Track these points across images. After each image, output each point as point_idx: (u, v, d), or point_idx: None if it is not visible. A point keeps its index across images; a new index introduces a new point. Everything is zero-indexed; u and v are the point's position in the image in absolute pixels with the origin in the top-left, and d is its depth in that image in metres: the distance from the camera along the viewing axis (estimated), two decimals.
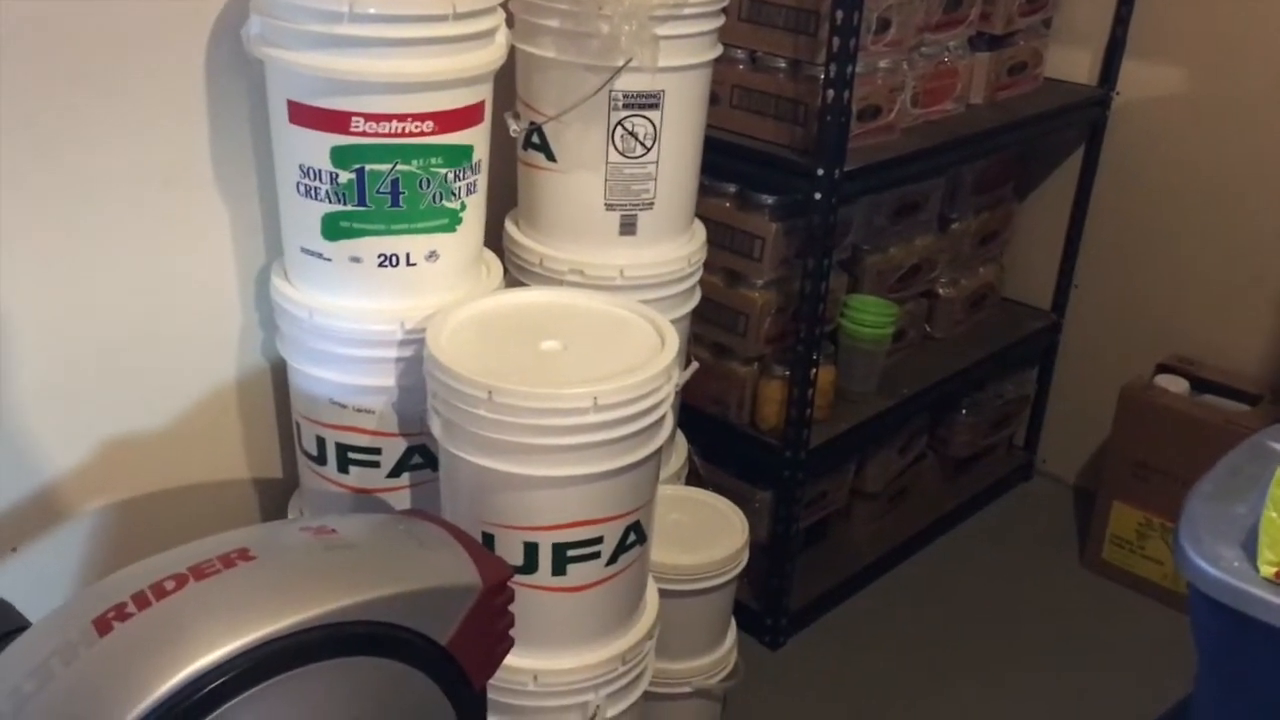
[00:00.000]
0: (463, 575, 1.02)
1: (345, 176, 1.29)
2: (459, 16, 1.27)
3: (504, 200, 1.62)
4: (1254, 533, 1.04)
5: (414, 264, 1.36)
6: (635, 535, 1.35)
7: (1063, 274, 2.32)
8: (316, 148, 1.29)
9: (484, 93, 1.36)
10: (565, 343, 1.33)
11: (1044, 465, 2.48)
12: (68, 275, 1.38)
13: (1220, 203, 2.11)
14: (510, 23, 1.45)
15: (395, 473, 1.45)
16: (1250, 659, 1.07)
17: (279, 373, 1.57)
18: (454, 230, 1.38)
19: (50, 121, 1.30)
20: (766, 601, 1.97)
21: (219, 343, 1.55)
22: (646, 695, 1.49)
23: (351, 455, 1.44)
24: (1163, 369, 2.14)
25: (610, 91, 1.45)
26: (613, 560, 1.33)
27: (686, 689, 1.66)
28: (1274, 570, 1.02)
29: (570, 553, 1.30)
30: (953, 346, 2.20)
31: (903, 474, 2.21)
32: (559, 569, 1.31)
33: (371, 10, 1.22)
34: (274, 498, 1.66)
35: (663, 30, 1.41)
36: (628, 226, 1.54)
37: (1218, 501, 1.11)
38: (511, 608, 1.06)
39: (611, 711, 1.41)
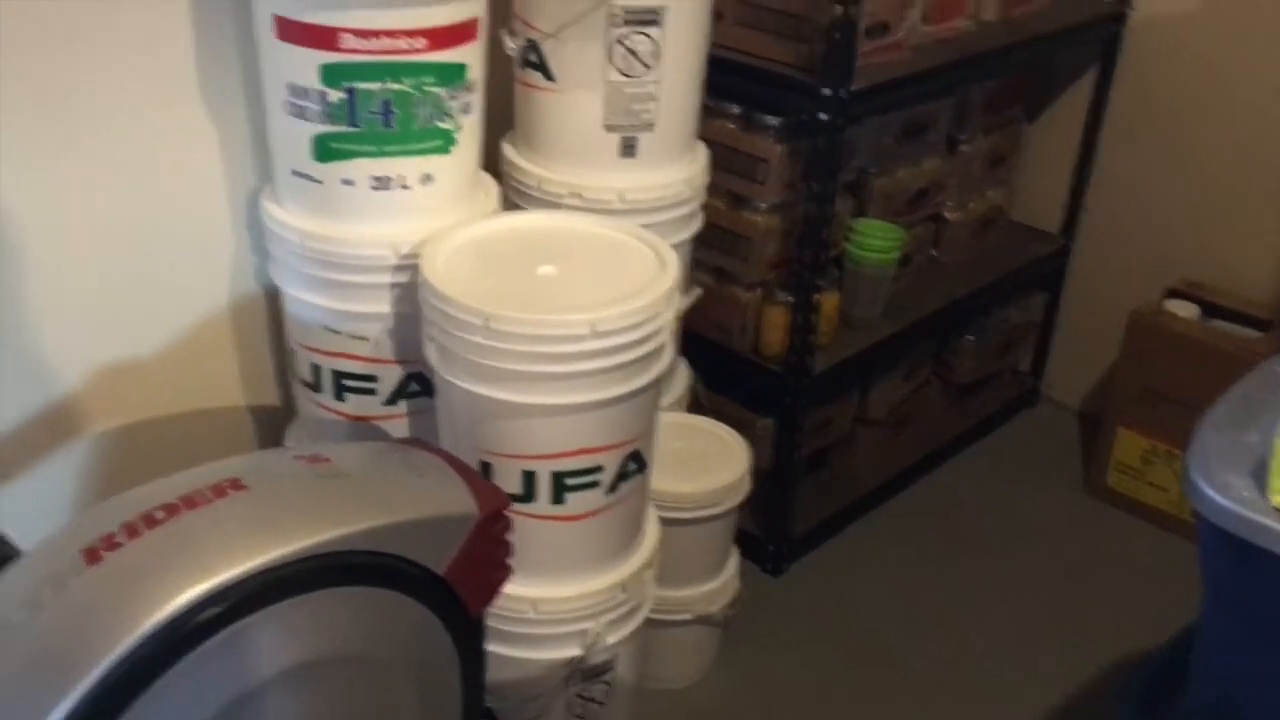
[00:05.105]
0: (459, 504, 1.00)
1: (336, 96, 1.26)
2: None
3: (502, 122, 1.58)
4: (1264, 461, 1.03)
5: (408, 187, 1.33)
6: (635, 464, 1.34)
7: (1073, 197, 2.27)
8: (305, 66, 1.25)
9: (477, 8, 1.32)
10: (563, 268, 1.30)
11: (1049, 391, 2.46)
12: (55, 196, 1.35)
13: (1236, 123, 2.06)
14: None
15: (392, 400, 1.44)
16: (1259, 589, 1.05)
17: (273, 299, 1.54)
18: (449, 152, 1.35)
19: (33, 33, 1.26)
20: (769, 528, 1.96)
21: (211, 267, 1.52)
22: (647, 622, 1.49)
23: (347, 382, 1.43)
24: (1172, 294, 2.11)
25: (610, 7, 1.40)
26: (612, 489, 1.32)
27: (688, 616, 1.66)
28: None
29: (569, 481, 1.29)
30: (959, 271, 2.16)
31: (907, 400, 2.19)
32: (558, 498, 1.30)
33: None
34: (271, 425, 1.64)
35: None
36: (628, 148, 1.50)
37: (1228, 430, 1.09)
38: (510, 537, 1.05)
39: (612, 639, 1.41)
